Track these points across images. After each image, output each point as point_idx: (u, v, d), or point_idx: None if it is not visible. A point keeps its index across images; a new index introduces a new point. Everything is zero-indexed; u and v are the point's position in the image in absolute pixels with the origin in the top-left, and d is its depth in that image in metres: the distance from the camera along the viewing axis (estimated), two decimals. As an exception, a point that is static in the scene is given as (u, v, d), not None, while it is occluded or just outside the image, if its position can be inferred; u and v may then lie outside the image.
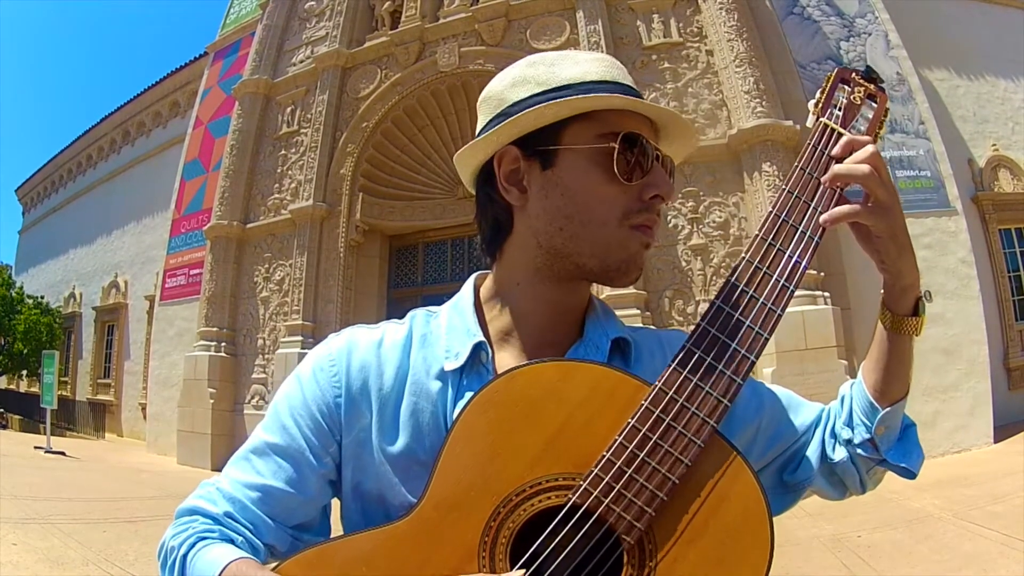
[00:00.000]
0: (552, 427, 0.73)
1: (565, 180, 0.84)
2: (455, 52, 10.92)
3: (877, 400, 0.91)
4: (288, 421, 0.86)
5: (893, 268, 0.84)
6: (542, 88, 0.85)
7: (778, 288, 0.75)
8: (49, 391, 12.79)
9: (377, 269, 11.80)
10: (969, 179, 10.34)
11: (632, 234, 0.84)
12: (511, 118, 0.84)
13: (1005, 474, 6.45)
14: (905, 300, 0.86)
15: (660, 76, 9.46)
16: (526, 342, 0.89)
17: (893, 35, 9.52)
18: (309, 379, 0.88)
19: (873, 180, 0.79)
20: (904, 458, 0.93)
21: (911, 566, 4.62)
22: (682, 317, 8.55)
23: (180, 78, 17.32)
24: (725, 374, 0.72)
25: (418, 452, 0.83)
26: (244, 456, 0.87)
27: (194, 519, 0.83)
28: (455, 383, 0.85)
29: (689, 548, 0.70)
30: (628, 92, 0.85)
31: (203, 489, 0.87)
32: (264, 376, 11.37)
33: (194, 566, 0.78)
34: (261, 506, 0.83)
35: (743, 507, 0.71)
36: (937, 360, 8.13)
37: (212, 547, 0.79)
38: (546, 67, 0.87)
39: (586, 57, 0.88)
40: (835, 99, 0.85)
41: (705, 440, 0.70)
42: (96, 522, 6.12)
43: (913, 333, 0.88)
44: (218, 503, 0.83)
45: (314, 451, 0.85)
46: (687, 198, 8.80)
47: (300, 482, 0.84)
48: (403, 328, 0.92)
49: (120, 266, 18.03)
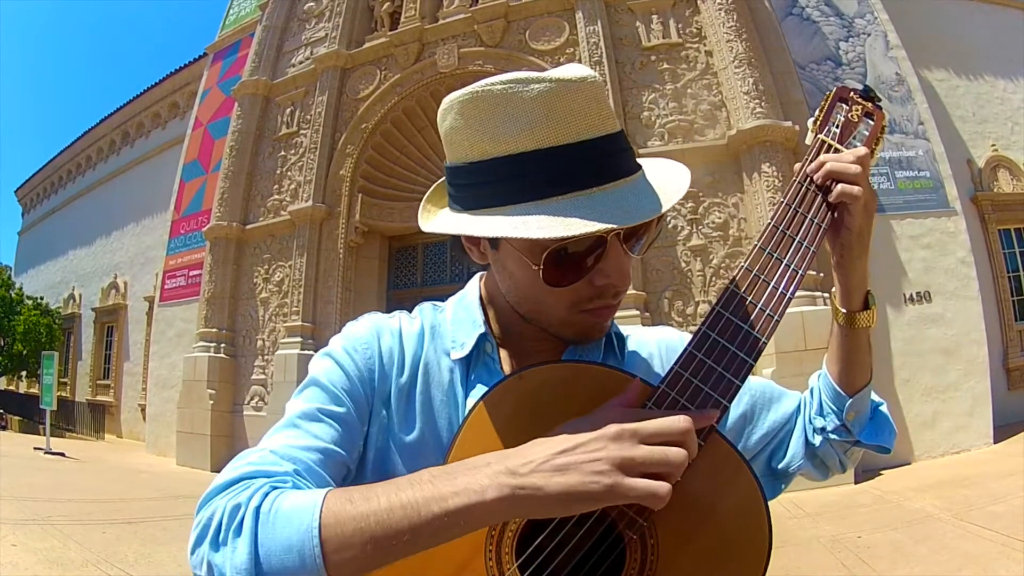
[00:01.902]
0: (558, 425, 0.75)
1: (509, 267, 0.84)
2: (454, 53, 10.92)
3: (843, 389, 0.97)
4: (334, 390, 0.84)
5: (851, 266, 0.89)
6: (469, 159, 0.79)
7: (776, 295, 0.77)
8: (48, 392, 12.79)
9: (376, 270, 11.79)
10: (968, 179, 10.35)
11: (584, 318, 0.84)
12: (442, 221, 0.86)
13: (1004, 474, 6.45)
14: (857, 297, 0.92)
15: (659, 77, 9.46)
16: (524, 339, 0.91)
17: (892, 35, 9.53)
18: (345, 356, 0.88)
19: (863, 178, 0.83)
20: (877, 436, 1.00)
21: (910, 566, 4.62)
22: (681, 318, 8.55)
23: (179, 79, 17.31)
24: (725, 376, 0.74)
25: (430, 439, 0.85)
26: (291, 423, 0.81)
27: (250, 482, 0.71)
28: (462, 373, 0.89)
29: (690, 544, 0.73)
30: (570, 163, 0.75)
31: (247, 456, 0.76)
32: (263, 377, 11.36)
33: (275, 514, 0.66)
34: (324, 468, 0.78)
35: (742, 504, 0.73)
36: (937, 360, 8.14)
37: (292, 492, 0.69)
38: (478, 124, 0.77)
39: (528, 99, 0.75)
40: (833, 117, 0.89)
41: (705, 438, 0.72)
42: (96, 523, 6.12)
43: (868, 325, 0.93)
44: (282, 464, 0.74)
45: (361, 418, 0.85)
46: (686, 199, 8.77)
47: (351, 446, 0.83)
48: (417, 320, 0.95)
49: (119, 267, 18.03)
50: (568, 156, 0.75)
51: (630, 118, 9.31)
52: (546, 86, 0.74)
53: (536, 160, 0.75)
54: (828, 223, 0.84)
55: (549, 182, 0.75)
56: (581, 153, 0.75)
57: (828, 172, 0.83)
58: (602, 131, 0.77)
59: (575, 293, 0.81)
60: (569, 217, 0.73)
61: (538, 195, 0.75)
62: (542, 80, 0.75)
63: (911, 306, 8.34)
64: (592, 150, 0.76)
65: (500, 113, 0.75)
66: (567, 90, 0.75)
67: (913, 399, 8.03)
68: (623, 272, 0.81)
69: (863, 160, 0.83)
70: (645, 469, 0.64)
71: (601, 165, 0.77)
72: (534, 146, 0.75)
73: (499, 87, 0.75)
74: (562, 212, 0.74)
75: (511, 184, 0.76)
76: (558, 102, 0.74)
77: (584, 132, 0.75)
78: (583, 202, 0.75)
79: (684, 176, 0.84)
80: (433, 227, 0.86)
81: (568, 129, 0.75)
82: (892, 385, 8.05)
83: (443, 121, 0.82)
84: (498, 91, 0.75)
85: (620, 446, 0.65)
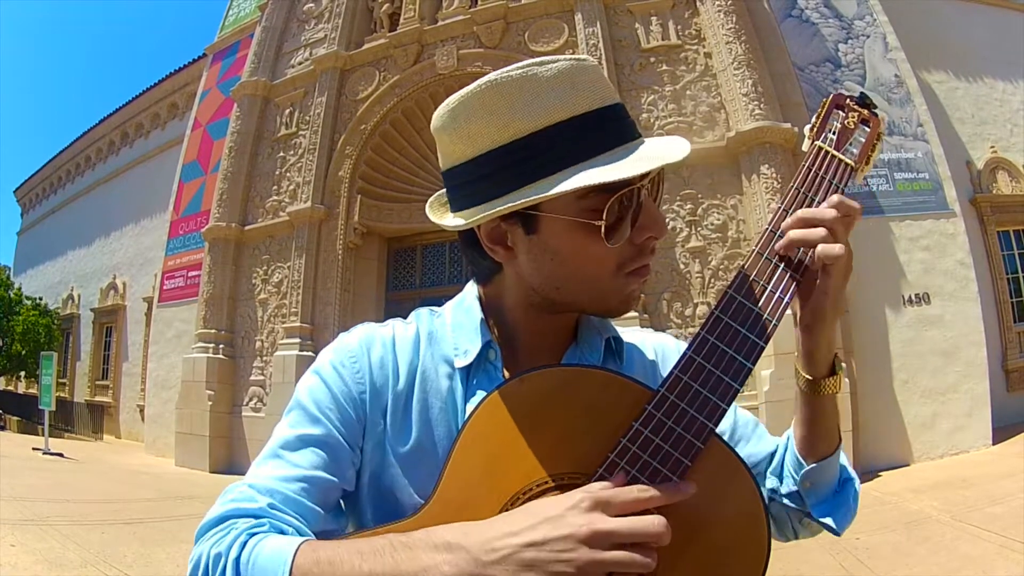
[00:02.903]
0: (559, 429, 0.75)
1: (552, 245, 0.81)
2: (453, 54, 10.92)
3: (804, 456, 0.90)
4: (318, 413, 0.84)
5: (821, 333, 0.82)
6: (496, 144, 0.78)
7: (773, 300, 0.77)
8: (47, 392, 12.79)
9: (375, 271, 11.79)
10: (968, 181, 10.37)
11: (629, 280, 0.84)
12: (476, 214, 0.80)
13: (1003, 476, 6.46)
14: (824, 363, 0.85)
15: (658, 78, 9.47)
16: (523, 346, 0.90)
17: (891, 37, 9.54)
18: (332, 374, 0.87)
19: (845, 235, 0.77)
20: (830, 513, 0.92)
21: (909, 568, 4.63)
22: (680, 319, 8.56)
23: (179, 80, 17.32)
24: (724, 379, 0.74)
25: (429, 447, 0.84)
26: (272, 454, 0.82)
27: (232, 523, 0.74)
28: (464, 380, 0.87)
29: (689, 546, 0.72)
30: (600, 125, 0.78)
31: (231, 493, 0.78)
32: (262, 378, 11.36)
33: (253, 564, 0.69)
34: (307, 496, 0.78)
35: (741, 507, 0.74)
36: (935, 362, 8.15)
37: (268, 538, 0.71)
38: (506, 107, 0.78)
39: (550, 77, 0.78)
40: (830, 124, 0.87)
41: (705, 441, 0.72)
42: (94, 524, 6.12)
43: (834, 392, 0.86)
44: (257, 499, 0.76)
45: (347, 439, 0.84)
46: (685, 200, 8.80)
47: (339, 470, 0.82)
48: (411, 327, 0.93)
49: (118, 267, 18.02)
50: (596, 120, 0.79)
51: (629, 119, 9.31)
52: (562, 63, 0.79)
53: (571, 128, 0.77)
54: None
55: (586, 146, 0.78)
56: (606, 116, 0.79)
57: (795, 241, 0.77)
58: (615, 100, 0.82)
59: (619, 255, 0.81)
60: (622, 161, 0.76)
61: (577, 159, 0.77)
62: (556, 60, 0.79)
63: (910, 308, 8.35)
64: (613, 113, 0.80)
65: (527, 92, 0.78)
66: (580, 65, 0.80)
67: (912, 400, 8.04)
68: (659, 221, 0.83)
69: (840, 207, 0.77)
70: (614, 570, 0.65)
71: (623, 126, 0.81)
72: (568, 114, 0.77)
73: (516, 72, 0.78)
74: (610, 164, 0.76)
75: (556, 152, 0.77)
76: (577, 75, 0.79)
77: (604, 99, 0.80)
78: (621, 154, 0.78)
79: (683, 141, 0.83)
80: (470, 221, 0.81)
81: (593, 96, 0.79)
82: (891, 387, 8.07)
83: (454, 119, 0.81)
84: (517, 75, 0.78)
85: (591, 552, 0.64)
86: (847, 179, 0.83)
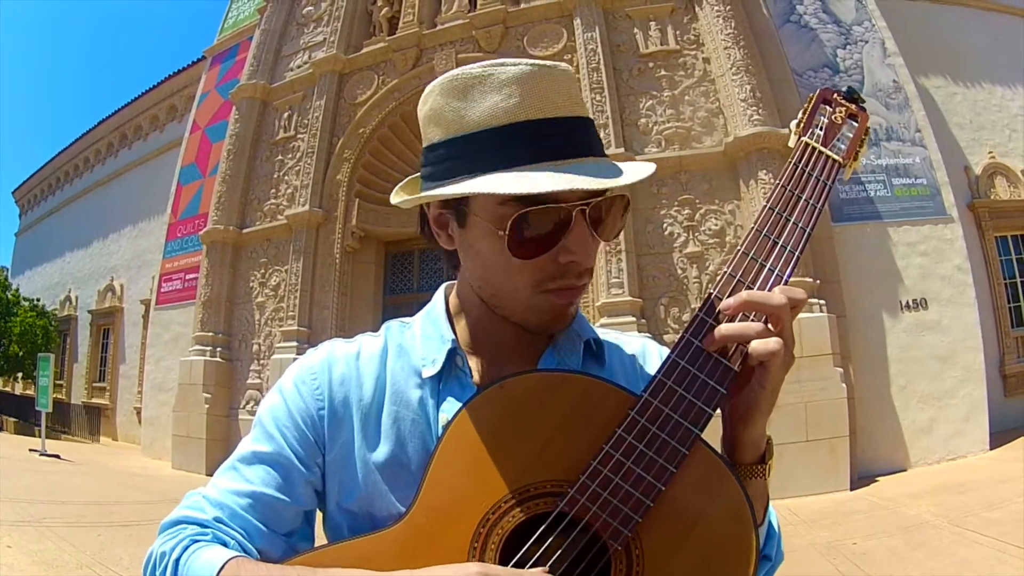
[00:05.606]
0: (541, 436, 0.75)
1: (475, 246, 0.83)
2: (452, 58, 10.91)
3: None
4: (274, 431, 0.86)
5: (754, 424, 0.78)
6: (448, 135, 0.81)
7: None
8: (44, 394, 12.76)
9: (373, 275, 11.77)
10: (965, 186, 10.38)
11: (546, 299, 0.82)
12: (416, 193, 0.88)
13: (1001, 480, 6.46)
14: (753, 451, 0.80)
15: (657, 84, 9.47)
16: (497, 348, 0.90)
17: (890, 42, 9.55)
18: (292, 391, 0.88)
19: (788, 327, 0.74)
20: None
21: (906, 573, 4.63)
22: (677, 325, 8.53)
23: (177, 82, 17.33)
24: (709, 384, 0.73)
25: (403, 459, 0.83)
26: (231, 466, 0.86)
27: (182, 527, 0.81)
28: (434, 389, 0.87)
29: (676, 553, 0.72)
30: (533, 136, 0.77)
31: (188, 500, 0.85)
32: (259, 381, 11.34)
33: (188, 568, 0.75)
34: (252, 512, 0.81)
35: (728, 513, 0.72)
36: (933, 367, 8.15)
37: (206, 548, 0.76)
38: (457, 102, 0.80)
39: (502, 80, 0.78)
40: (816, 119, 0.86)
41: (689, 447, 0.71)
42: (90, 526, 6.10)
43: (764, 477, 0.81)
44: (207, 510, 0.81)
45: (301, 459, 0.84)
46: (683, 206, 8.80)
47: (290, 488, 0.83)
48: (379, 340, 0.94)
49: (116, 270, 18.01)
50: (541, 129, 0.78)
51: (627, 124, 9.32)
52: (523, 67, 0.79)
53: (512, 132, 0.77)
54: (813, 226, 0.79)
55: (522, 152, 0.77)
56: (553, 128, 0.78)
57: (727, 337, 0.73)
58: (573, 112, 0.80)
59: (540, 271, 0.80)
60: (538, 174, 0.75)
61: (511, 164, 0.77)
62: (518, 63, 0.79)
63: (907, 313, 8.35)
64: (563, 126, 0.79)
65: (478, 89, 0.79)
66: (541, 71, 0.79)
67: (909, 406, 8.04)
68: (588, 250, 0.80)
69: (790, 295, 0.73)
70: None
71: (570, 141, 0.79)
72: (509, 120, 0.77)
73: (477, 69, 0.80)
74: (521, 175, 0.75)
75: (486, 155, 0.78)
76: (533, 81, 0.78)
77: (556, 110, 0.79)
78: (552, 168, 0.76)
79: (649, 166, 0.83)
80: (401, 200, 0.91)
81: (541, 104, 0.78)
82: (888, 392, 8.06)
83: (423, 105, 0.85)
84: (476, 72, 0.79)
85: None
86: (835, 175, 0.82)
